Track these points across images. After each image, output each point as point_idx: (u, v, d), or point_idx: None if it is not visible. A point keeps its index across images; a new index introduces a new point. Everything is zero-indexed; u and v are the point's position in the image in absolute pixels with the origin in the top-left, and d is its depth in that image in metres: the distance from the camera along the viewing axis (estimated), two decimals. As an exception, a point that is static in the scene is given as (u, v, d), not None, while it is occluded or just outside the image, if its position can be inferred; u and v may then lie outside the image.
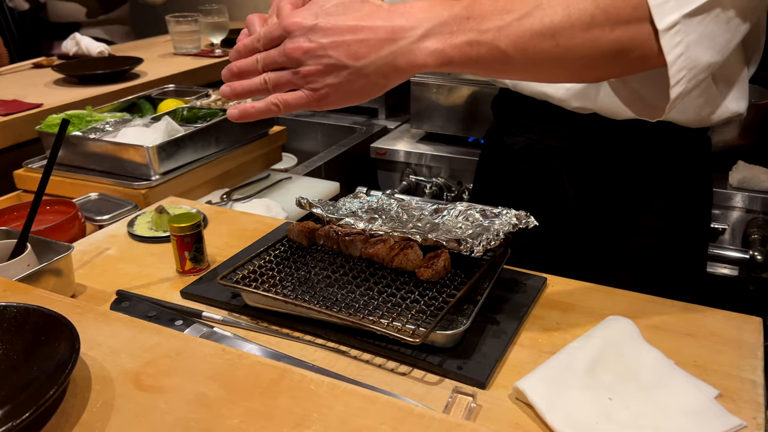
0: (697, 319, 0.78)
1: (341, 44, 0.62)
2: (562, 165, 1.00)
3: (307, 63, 0.63)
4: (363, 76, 0.63)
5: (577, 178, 0.99)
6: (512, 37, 0.60)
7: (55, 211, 1.06)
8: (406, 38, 0.61)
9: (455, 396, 0.66)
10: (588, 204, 1.00)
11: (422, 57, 0.62)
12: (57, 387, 0.53)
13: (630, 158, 0.96)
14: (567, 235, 1.02)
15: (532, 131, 1.03)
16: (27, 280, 0.78)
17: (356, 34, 0.62)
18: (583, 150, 0.98)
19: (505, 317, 0.78)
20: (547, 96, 0.96)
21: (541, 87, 0.96)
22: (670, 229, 0.98)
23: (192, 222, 0.88)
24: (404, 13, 0.62)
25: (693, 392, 0.65)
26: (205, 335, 0.75)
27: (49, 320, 0.61)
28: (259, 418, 0.53)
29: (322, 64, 0.62)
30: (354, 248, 0.83)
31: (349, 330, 0.75)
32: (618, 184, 0.98)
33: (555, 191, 1.02)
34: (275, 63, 0.65)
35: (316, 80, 0.63)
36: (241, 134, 1.45)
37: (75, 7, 2.59)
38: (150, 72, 1.99)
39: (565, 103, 0.94)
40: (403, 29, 0.61)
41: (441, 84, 1.88)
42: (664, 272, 0.97)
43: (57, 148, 0.84)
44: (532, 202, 1.02)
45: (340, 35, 0.62)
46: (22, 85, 1.86)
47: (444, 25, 0.61)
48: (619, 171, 0.97)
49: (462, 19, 0.61)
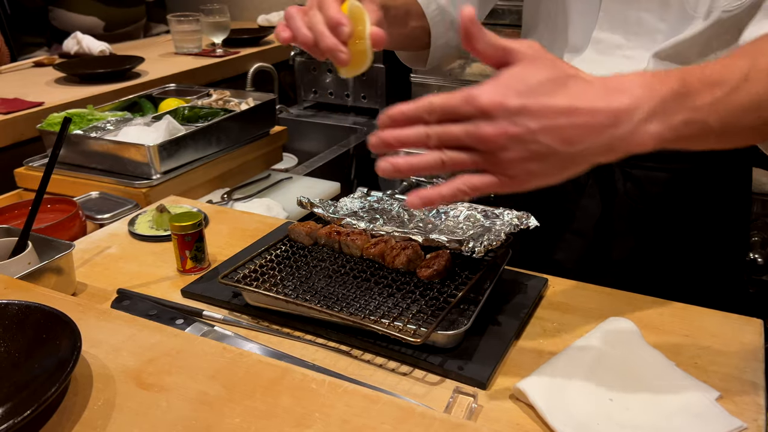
0: (698, 321, 0.78)
1: (554, 129, 0.53)
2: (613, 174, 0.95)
3: (509, 149, 0.54)
4: (572, 161, 0.56)
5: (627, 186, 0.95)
6: (721, 113, 0.57)
7: (56, 209, 1.06)
8: (628, 122, 0.54)
9: (456, 396, 0.66)
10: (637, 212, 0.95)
11: (643, 141, 0.55)
12: (58, 385, 0.53)
13: (675, 165, 0.92)
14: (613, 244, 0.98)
15: None
16: (28, 278, 0.78)
17: (571, 117, 0.53)
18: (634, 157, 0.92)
19: (506, 318, 0.78)
20: None
21: None
22: (710, 239, 0.94)
23: (193, 221, 0.88)
24: (622, 91, 0.54)
25: (694, 394, 0.65)
26: (205, 334, 0.75)
27: (51, 318, 0.61)
28: (260, 417, 0.53)
29: (528, 150, 0.54)
30: (355, 248, 0.83)
31: (349, 330, 0.74)
32: (665, 190, 0.93)
33: (603, 201, 0.97)
34: (458, 142, 0.55)
35: (516, 166, 0.55)
36: (242, 134, 1.45)
37: (93, 21, 2.54)
38: (151, 71, 1.99)
39: None
40: (624, 112, 0.54)
41: (442, 85, 1.88)
42: (703, 282, 0.93)
43: (58, 146, 0.84)
44: (574, 212, 0.98)
45: (552, 119, 0.53)
46: (23, 84, 1.86)
47: (664, 104, 0.55)
48: (665, 178, 0.93)
49: (679, 96, 0.55)
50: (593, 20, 0.89)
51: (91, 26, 2.54)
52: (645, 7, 0.85)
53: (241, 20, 3.01)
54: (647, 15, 0.85)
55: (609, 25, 0.88)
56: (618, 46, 0.88)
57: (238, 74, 2.24)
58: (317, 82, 2.27)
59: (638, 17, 0.86)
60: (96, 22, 2.56)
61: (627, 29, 0.87)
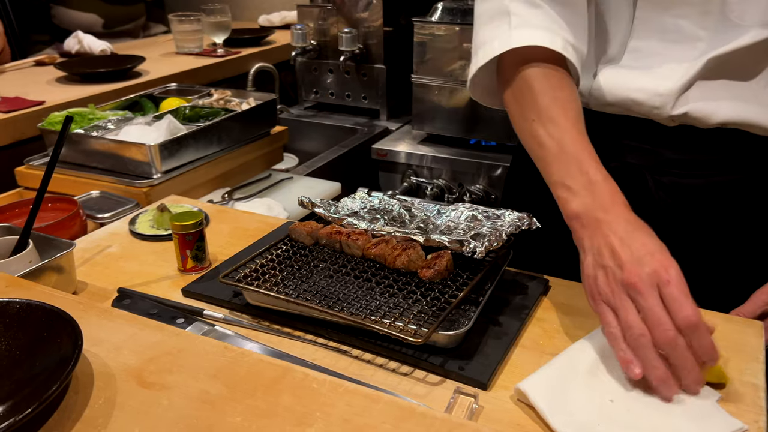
0: (699, 322, 0.78)
1: None
2: (646, 182, 0.92)
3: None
4: None
5: (659, 194, 0.92)
6: None
7: (56, 208, 1.06)
8: None
9: (457, 397, 0.65)
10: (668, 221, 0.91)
11: None
12: (59, 383, 0.53)
13: (709, 172, 0.89)
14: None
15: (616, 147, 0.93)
16: (29, 276, 0.78)
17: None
18: (666, 165, 0.90)
19: (507, 318, 0.78)
20: (638, 104, 0.87)
21: (632, 94, 0.87)
22: (747, 247, 0.91)
23: (194, 220, 0.88)
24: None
25: (694, 395, 0.65)
26: (206, 334, 0.75)
27: (52, 316, 0.61)
28: (261, 415, 0.53)
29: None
30: (356, 248, 0.83)
31: (350, 330, 0.74)
32: (697, 199, 0.90)
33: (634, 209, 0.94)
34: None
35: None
36: (243, 134, 1.45)
37: (92, 18, 2.54)
38: (152, 71, 1.99)
39: (659, 111, 0.86)
40: None
41: (443, 86, 1.88)
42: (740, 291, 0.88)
43: (60, 145, 0.84)
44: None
45: None
46: (25, 83, 1.86)
47: None
48: (698, 185, 0.90)
49: None
50: (628, 28, 0.86)
51: (90, 23, 2.54)
52: (682, 14, 0.81)
53: (242, 20, 3.01)
54: (685, 22, 0.82)
55: (645, 33, 0.85)
56: (655, 53, 0.85)
57: (239, 74, 2.24)
58: (318, 83, 2.27)
59: (676, 24, 0.82)
60: (95, 20, 2.56)
61: (664, 37, 0.84)
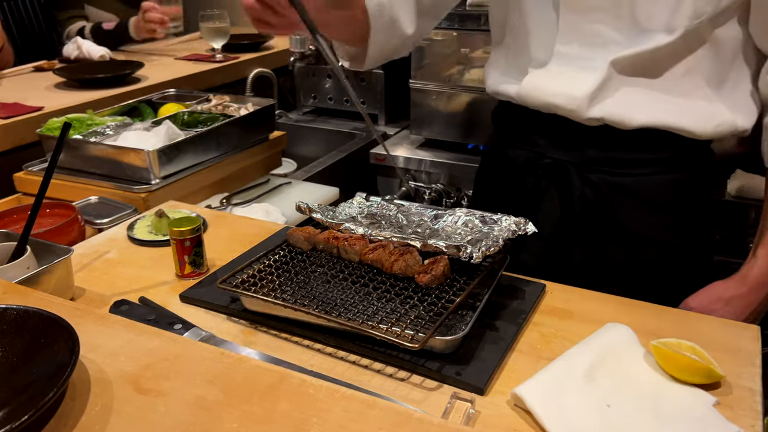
0: (695, 327, 0.78)
1: None
2: (570, 178, 0.98)
3: None
4: None
5: (584, 191, 0.98)
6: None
7: (55, 214, 1.06)
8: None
9: (454, 402, 0.66)
10: (595, 217, 0.98)
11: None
12: (56, 390, 0.53)
13: (637, 170, 0.95)
14: (572, 246, 1.01)
15: (535, 144, 1.02)
16: (26, 282, 0.78)
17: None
18: (591, 163, 0.97)
19: (503, 323, 0.78)
20: (557, 107, 0.94)
21: (551, 98, 0.95)
22: (676, 242, 0.98)
23: (192, 226, 0.89)
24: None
25: (691, 400, 0.65)
26: (203, 339, 0.75)
27: (49, 323, 0.61)
28: (257, 421, 0.54)
29: None
30: (353, 253, 0.83)
31: (347, 335, 0.75)
32: (625, 196, 0.96)
33: (561, 204, 1.00)
34: None
35: None
36: (241, 139, 1.45)
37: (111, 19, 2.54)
38: (151, 76, 1.99)
39: (575, 113, 0.93)
40: None
41: (441, 90, 1.89)
42: (673, 285, 0.96)
43: (58, 151, 0.84)
44: (536, 214, 1.00)
45: None
46: (23, 88, 1.86)
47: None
48: (626, 184, 0.96)
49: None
50: (554, 34, 0.93)
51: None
52: (599, 19, 0.89)
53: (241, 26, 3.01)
54: (602, 26, 0.89)
55: (568, 38, 0.92)
56: (578, 57, 0.92)
57: (238, 79, 2.24)
58: (316, 88, 2.28)
59: (594, 29, 0.90)
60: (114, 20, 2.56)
61: (585, 41, 0.91)
